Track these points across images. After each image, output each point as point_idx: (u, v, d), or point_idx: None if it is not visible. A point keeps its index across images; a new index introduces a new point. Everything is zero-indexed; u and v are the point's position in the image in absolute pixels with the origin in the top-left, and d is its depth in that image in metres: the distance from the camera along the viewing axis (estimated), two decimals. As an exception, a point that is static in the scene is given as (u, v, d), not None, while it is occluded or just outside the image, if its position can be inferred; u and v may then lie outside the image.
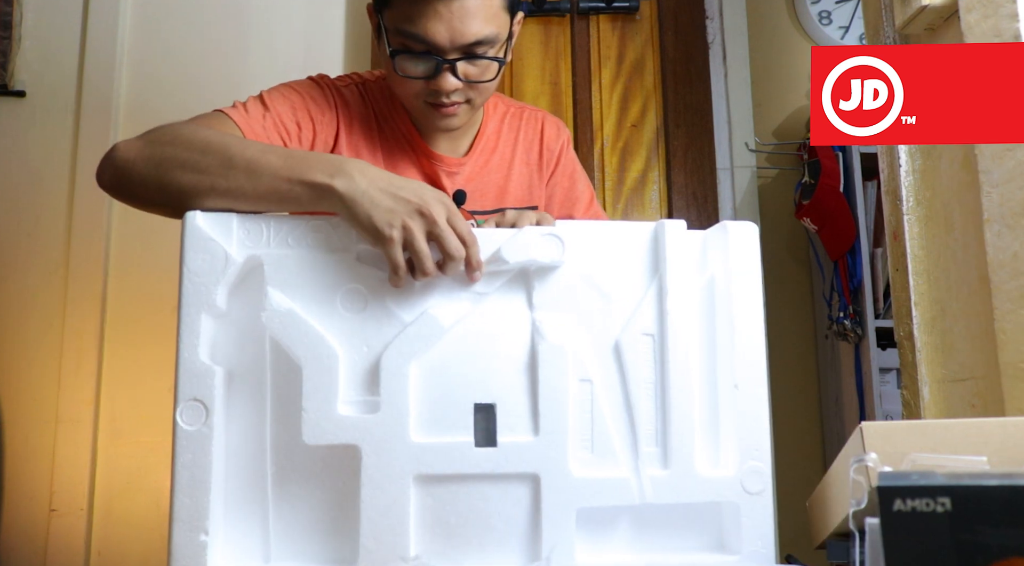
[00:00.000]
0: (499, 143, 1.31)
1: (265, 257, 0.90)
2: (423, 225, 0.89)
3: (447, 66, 1.09)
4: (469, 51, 1.09)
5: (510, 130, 1.33)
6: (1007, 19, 1.16)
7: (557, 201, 1.36)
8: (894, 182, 1.39)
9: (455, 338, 0.91)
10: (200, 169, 0.92)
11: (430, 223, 0.89)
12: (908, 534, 0.58)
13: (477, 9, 1.07)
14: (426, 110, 1.15)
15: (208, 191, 0.92)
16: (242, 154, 0.92)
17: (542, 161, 1.35)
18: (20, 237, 2.35)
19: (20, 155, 2.39)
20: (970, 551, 0.57)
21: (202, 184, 0.92)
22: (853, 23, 2.62)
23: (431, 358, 0.91)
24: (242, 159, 0.92)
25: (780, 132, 2.64)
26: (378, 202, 0.88)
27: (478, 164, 1.28)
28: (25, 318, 2.31)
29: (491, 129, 1.31)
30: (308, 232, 0.92)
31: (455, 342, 0.91)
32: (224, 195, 0.92)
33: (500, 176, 1.30)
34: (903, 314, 1.36)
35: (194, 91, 2.44)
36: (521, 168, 1.32)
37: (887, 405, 2.16)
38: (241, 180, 0.91)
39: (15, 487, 2.23)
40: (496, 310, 0.93)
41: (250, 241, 0.90)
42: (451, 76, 1.10)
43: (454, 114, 1.15)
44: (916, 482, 0.58)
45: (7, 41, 2.40)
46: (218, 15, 2.49)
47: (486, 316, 0.93)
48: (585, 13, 2.58)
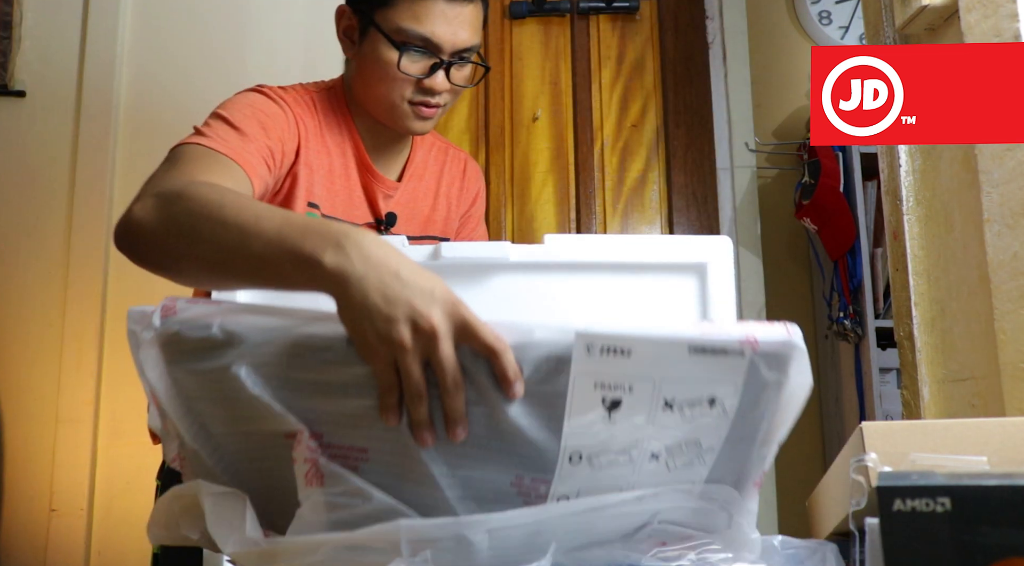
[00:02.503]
0: (425, 173, 1.36)
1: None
2: (420, 346, 0.67)
3: (443, 66, 1.16)
4: (462, 55, 1.18)
5: (435, 163, 1.38)
6: (1007, 19, 1.17)
7: (460, 238, 1.42)
8: (894, 182, 1.39)
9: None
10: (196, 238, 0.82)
11: (429, 341, 0.67)
12: (908, 534, 0.58)
13: (473, 18, 1.18)
14: (407, 111, 1.19)
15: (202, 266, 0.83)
16: (236, 218, 0.79)
17: (461, 199, 1.40)
18: (20, 237, 2.35)
19: (20, 155, 2.39)
20: (970, 551, 0.57)
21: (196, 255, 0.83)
22: (853, 23, 2.62)
23: None
24: (235, 226, 0.78)
25: (780, 132, 2.64)
26: (372, 302, 0.68)
27: (408, 189, 1.32)
28: (25, 318, 2.31)
29: (419, 158, 1.35)
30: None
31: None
32: (215, 271, 0.82)
33: (426, 205, 1.35)
34: (903, 314, 1.36)
35: (194, 91, 2.44)
36: (442, 200, 1.37)
37: (887, 405, 2.16)
38: (231, 253, 0.78)
39: (15, 487, 2.23)
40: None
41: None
42: (444, 76, 1.17)
43: (432, 117, 1.20)
44: (916, 482, 0.58)
45: (7, 41, 2.40)
46: (218, 16, 2.49)
47: None
48: (585, 13, 2.58)
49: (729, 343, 0.67)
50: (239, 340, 0.70)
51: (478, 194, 1.44)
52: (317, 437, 0.69)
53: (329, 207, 1.22)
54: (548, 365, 0.67)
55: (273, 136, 1.12)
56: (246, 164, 1.04)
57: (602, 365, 0.65)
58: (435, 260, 0.97)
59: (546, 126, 2.53)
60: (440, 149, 1.40)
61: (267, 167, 1.09)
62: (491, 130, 2.53)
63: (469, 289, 0.94)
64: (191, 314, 0.72)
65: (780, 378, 0.70)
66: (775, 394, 0.70)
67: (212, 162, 1.01)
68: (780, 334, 0.68)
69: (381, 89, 1.19)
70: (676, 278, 0.98)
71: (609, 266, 0.98)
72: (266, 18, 2.48)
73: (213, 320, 0.71)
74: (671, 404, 0.68)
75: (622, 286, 0.98)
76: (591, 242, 1.01)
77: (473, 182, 1.43)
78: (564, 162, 2.54)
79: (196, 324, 0.71)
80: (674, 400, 0.67)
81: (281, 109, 1.16)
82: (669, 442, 0.69)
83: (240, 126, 1.08)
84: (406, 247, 0.98)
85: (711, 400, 0.68)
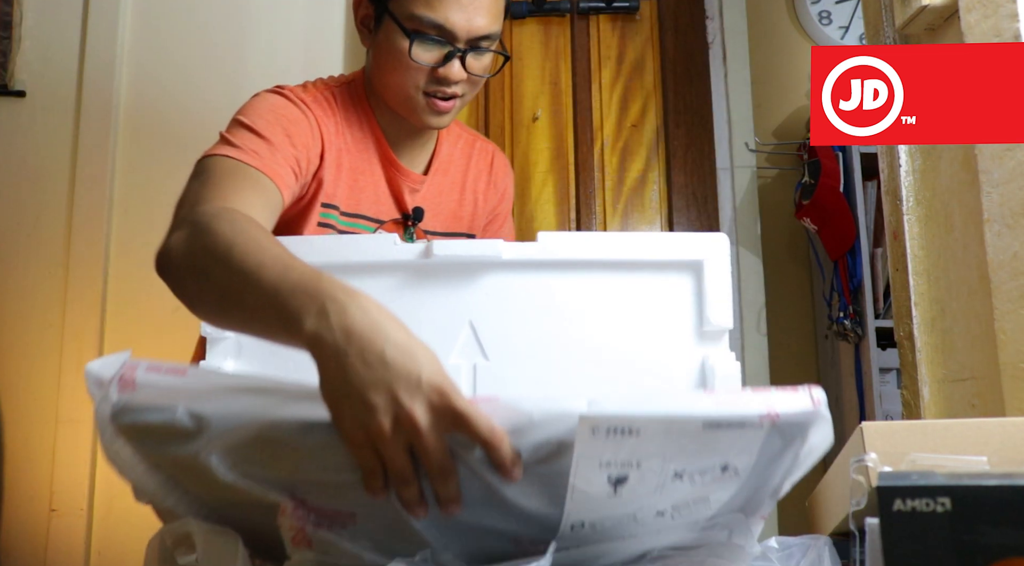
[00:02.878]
0: (451, 167, 1.31)
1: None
2: (400, 436, 0.62)
3: (458, 55, 1.12)
4: (478, 44, 1.13)
5: (462, 156, 1.33)
6: (1007, 19, 1.17)
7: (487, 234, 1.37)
8: (894, 182, 1.39)
9: None
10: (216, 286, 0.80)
11: (411, 433, 0.62)
12: (908, 534, 0.58)
13: (491, 4, 1.13)
14: (423, 104, 1.15)
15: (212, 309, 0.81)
16: (240, 263, 0.76)
17: (489, 194, 1.35)
18: (20, 237, 2.35)
19: (20, 155, 2.39)
20: (970, 551, 0.57)
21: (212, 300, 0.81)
22: (853, 23, 2.62)
23: None
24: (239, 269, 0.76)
25: (780, 132, 2.64)
26: (351, 384, 0.63)
27: (434, 183, 1.28)
28: (25, 318, 2.31)
29: (445, 151, 1.31)
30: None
31: None
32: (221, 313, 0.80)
33: (452, 200, 1.31)
34: (903, 314, 1.36)
35: (194, 91, 2.44)
36: (468, 195, 1.33)
37: (887, 405, 2.16)
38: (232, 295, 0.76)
39: (15, 487, 2.23)
40: None
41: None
42: (460, 65, 1.12)
43: (448, 110, 1.16)
44: (916, 482, 0.58)
45: (7, 41, 2.40)
46: (218, 15, 2.49)
47: None
48: (585, 13, 2.58)
49: (748, 418, 0.62)
50: (207, 425, 0.64)
51: (507, 189, 1.39)
52: (301, 503, 0.65)
53: (353, 205, 1.19)
54: (548, 448, 0.62)
55: (299, 144, 1.09)
56: (276, 176, 1.03)
57: (608, 446, 0.60)
58: (426, 258, 0.93)
59: (546, 126, 2.53)
60: (467, 142, 1.35)
61: (294, 176, 1.07)
62: (491, 130, 2.53)
63: (460, 288, 0.92)
64: (152, 395, 0.65)
65: (800, 443, 0.67)
66: (792, 455, 0.67)
67: (243, 177, 1.00)
68: (804, 405, 0.64)
69: (395, 79, 1.15)
70: (672, 276, 0.95)
71: (604, 264, 0.95)
72: (266, 18, 2.48)
73: (177, 402, 0.65)
74: (681, 475, 0.64)
75: (617, 285, 0.95)
76: (585, 239, 0.97)
77: (502, 176, 1.37)
78: (564, 162, 2.54)
79: (158, 407, 0.65)
80: (684, 471, 0.64)
81: (303, 113, 1.13)
82: (676, 501, 0.66)
83: (266, 135, 1.06)
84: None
85: (724, 467, 0.65)
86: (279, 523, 0.66)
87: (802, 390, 0.65)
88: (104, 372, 0.67)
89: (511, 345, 0.92)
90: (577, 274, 0.94)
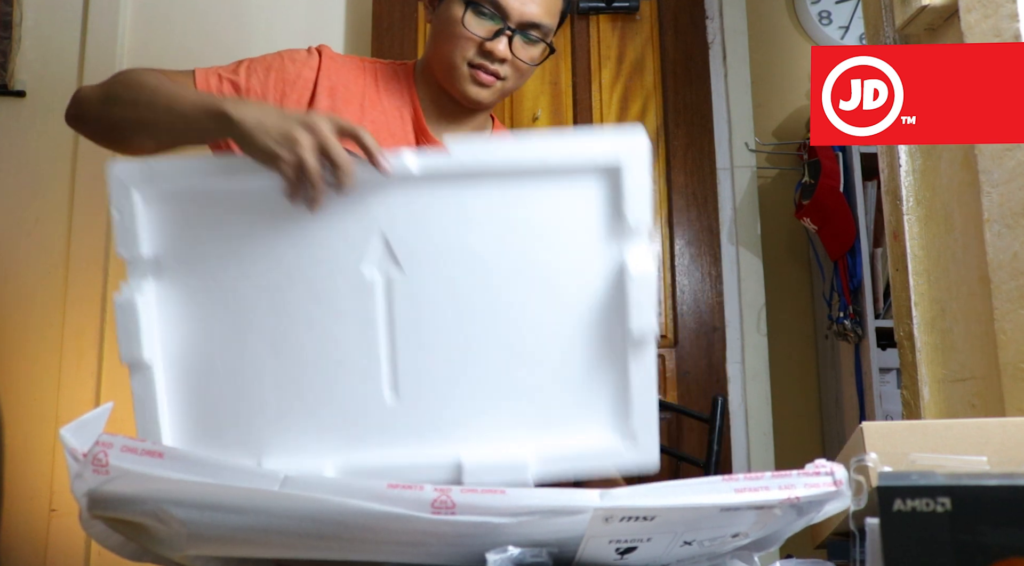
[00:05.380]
0: None
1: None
2: (311, 140, 0.88)
3: (508, 33, 1.18)
4: (528, 30, 1.19)
5: None
6: (1007, 19, 1.17)
7: None
8: (894, 182, 1.39)
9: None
10: (134, 105, 1.04)
11: (320, 136, 0.88)
12: (908, 534, 0.58)
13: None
14: (466, 73, 1.20)
15: (136, 125, 1.04)
16: (167, 91, 1.02)
17: None
18: (20, 237, 2.35)
19: (20, 155, 2.39)
20: (970, 551, 0.57)
21: (132, 118, 1.04)
22: (853, 23, 2.62)
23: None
24: (165, 95, 1.02)
25: (780, 132, 2.64)
26: (266, 122, 0.90)
27: None
28: (25, 318, 2.31)
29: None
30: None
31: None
32: (148, 127, 1.03)
33: None
34: (903, 314, 1.36)
35: (194, 91, 2.44)
36: None
37: (887, 405, 2.16)
38: (160, 113, 1.01)
39: (15, 487, 2.23)
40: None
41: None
42: (507, 44, 1.18)
43: (490, 85, 1.21)
44: (916, 482, 0.58)
45: (7, 41, 2.40)
46: (218, 15, 2.50)
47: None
48: (585, 13, 2.58)
49: (768, 503, 0.62)
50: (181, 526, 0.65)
51: None
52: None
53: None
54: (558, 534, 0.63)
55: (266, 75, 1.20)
56: (202, 81, 1.17)
57: (620, 528, 0.62)
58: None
59: (546, 126, 2.53)
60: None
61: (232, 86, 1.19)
62: (491, 130, 2.53)
63: (374, 207, 0.89)
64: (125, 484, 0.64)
65: (815, 514, 0.67)
66: (806, 522, 0.68)
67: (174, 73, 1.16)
68: (827, 487, 0.64)
69: (446, 48, 1.20)
70: (588, 182, 0.89)
71: (517, 172, 0.89)
72: (266, 18, 2.48)
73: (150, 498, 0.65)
74: (691, 542, 0.65)
75: (531, 194, 0.90)
76: (495, 147, 0.94)
77: None
78: (564, 162, 2.54)
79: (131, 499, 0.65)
80: (695, 540, 0.65)
81: (305, 55, 1.23)
82: (683, 557, 0.67)
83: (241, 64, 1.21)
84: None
85: (735, 534, 0.66)
86: None
87: (823, 471, 0.65)
88: (79, 444, 0.66)
89: (426, 259, 0.90)
90: (491, 186, 0.89)
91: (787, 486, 0.63)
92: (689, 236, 2.47)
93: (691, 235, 2.47)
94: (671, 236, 2.46)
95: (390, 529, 0.62)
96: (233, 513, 0.64)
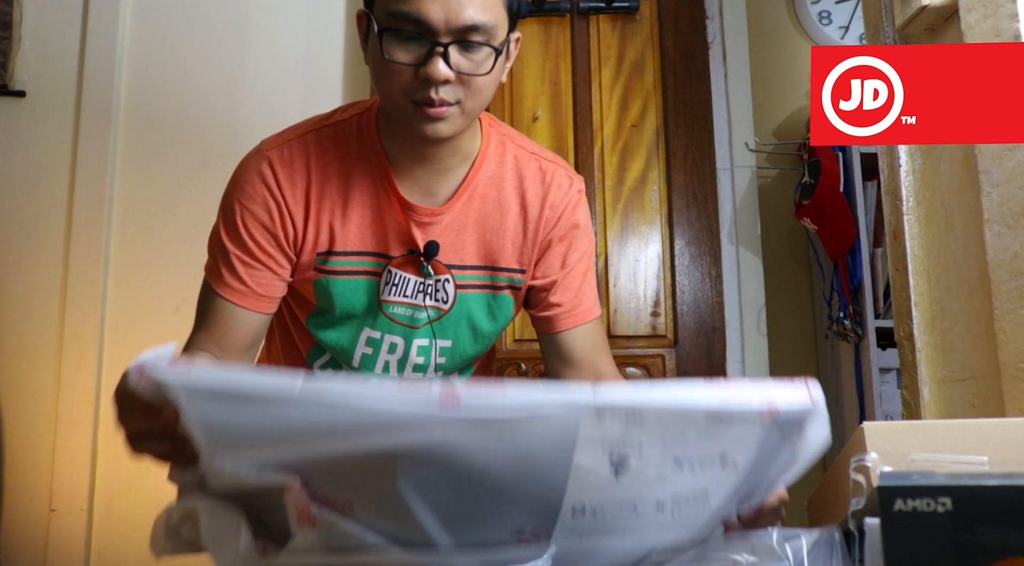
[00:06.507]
0: (495, 191, 1.16)
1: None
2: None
3: (439, 50, 0.97)
4: (463, 36, 0.98)
5: (513, 177, 1.17)
6: (1007, 19, 1.17)
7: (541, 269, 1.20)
8: (894, 182, 1.39)
9: None
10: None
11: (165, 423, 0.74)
12: (908, 534, 0.58)
13: None
14: (413, 113, 1.02)
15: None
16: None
17: (542, 220, 1.18)
18: (20, 237, 2.35)
19: (20, 155, 2.39)
20: (970, 551, 0.57)
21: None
22: (853, 23, 2.62)
23: None
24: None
25: (780, 132, 2.64)
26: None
27: (462, 213, 1.15)
28: (25, 318, 2.31)
29: (486, 173, 1.16)
30: None
31: None
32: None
33: (489, 229, 1.16)
34: (903, 314, 1.36)
35: (194, 91, 2.44)
36: (518, 222, 1.17)
37: (887, 405, 2.16)
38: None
39: (15, 487, 2.24)
40: None
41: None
42: (442, 63, 0.98)
43: (442, 117, 1.01)
44: (916, 482, 0.58)
45: (7, 41, 2.40)
46: (218, 15, 2.50)
47: None
48: (585, 13, 2.58)
49: (748, 413, 0.66)
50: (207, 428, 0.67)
51: (563, 213, 1.18)
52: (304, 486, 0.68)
53: (359, 243, 1.13)
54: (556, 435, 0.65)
55: (272, 239, 1.12)
56: (254, 304, 1.11)
57: (612, 431, 0.64)
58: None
59: (546, 126, 2.53)
60: (525, 160, 1.18)
61: (278, 279, 1.13)
62: (491, 130, 2.53)
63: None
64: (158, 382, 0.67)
65: (797, 438, 0.69)
66: (790, 451, 0.70)
67: (229, 317, 1.11)
68: (802, 401, 0.67)
69: (383, 89, 1.03)
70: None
71: None
72: (266, 18, 2.48)
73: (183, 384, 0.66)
74: (680, 462, 0.67)
75: None
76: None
77: (559, 197, 1.18)
78: (564, 162, 2.54)
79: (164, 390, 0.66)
80: (684, 458, 0.67)
81: (271, 195, 1.11)
82: (675, 492, 0.68)
83: (242, 256, 1.11)
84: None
85: (722, 458, 0.68)
86: (285, 502, 0.68)
87: (799, 384, 0.68)
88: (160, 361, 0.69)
89: None
90: None
91: (765, 395, 0.66)
92: (689, 236, 2.47)
93: (691, 235, 2.47)
94: (671, 236, 2.46)
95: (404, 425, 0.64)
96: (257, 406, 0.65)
